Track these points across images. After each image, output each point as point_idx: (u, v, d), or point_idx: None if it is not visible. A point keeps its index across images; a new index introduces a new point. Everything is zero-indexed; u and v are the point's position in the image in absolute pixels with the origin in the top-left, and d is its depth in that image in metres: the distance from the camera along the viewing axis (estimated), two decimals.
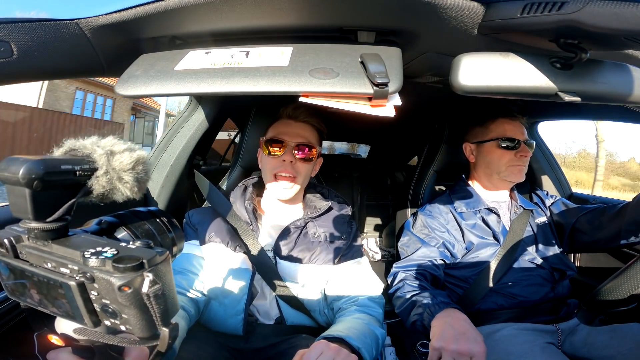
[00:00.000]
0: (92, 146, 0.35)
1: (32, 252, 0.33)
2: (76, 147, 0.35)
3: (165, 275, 0.33)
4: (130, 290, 0.30)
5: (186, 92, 0.52)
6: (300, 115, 0.94)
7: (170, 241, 0.43)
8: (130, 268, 0.30)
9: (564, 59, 0.51)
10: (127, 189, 0.36)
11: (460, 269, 1.06)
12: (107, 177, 0.35)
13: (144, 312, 0.31)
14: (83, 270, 0.31)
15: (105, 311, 0.32)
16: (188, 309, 0.76)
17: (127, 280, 0.30)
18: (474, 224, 1.07)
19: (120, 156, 0.36)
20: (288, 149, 0.89)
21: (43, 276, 0.32)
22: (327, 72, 0.52)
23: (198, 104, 1.20)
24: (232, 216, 0.92)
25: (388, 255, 1.91)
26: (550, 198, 1.17)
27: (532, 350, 0.86)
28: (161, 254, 0.33)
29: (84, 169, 0.34)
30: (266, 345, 0.84)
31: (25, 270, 0.33)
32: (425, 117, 1.69)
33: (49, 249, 0.33)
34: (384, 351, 0.97)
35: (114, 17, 0.58)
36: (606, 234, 0.96)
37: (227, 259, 0.86)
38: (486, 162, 1.11)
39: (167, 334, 0.33)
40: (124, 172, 0.36)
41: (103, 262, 0.31)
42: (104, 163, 0.35)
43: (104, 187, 0.35)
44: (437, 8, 0.53)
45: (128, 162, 0.36)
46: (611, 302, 0.61)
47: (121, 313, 0.32)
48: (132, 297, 0.30)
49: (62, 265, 0.32)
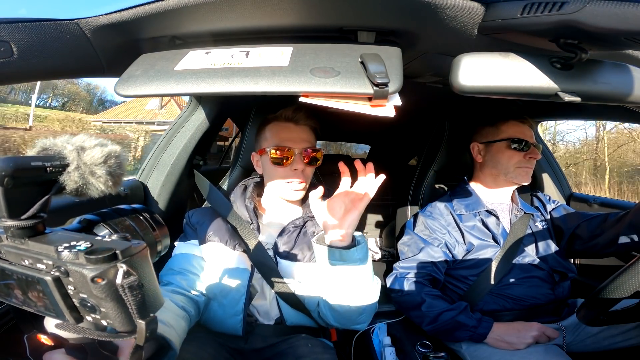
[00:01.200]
0: (63, 143, 0.36)
1: (11, 250, 0.34)
2: (47, 146, 0.36)
3: (142, 268, 0.33)
4: (104, 282, 0.30)
5: (186, 92, 0.52)
6: (301, 118, 0.93)
7: (154, 237, 0.43)
8: (102, 259, 0.30)
9: (564, 59, 0.51)
10: (101, 183, 0.36)
11: (460, 270, 1.06)
12: (78, 172, 0.35)
13: (121, 305, 0.31)
14: (57, 264, 0.31)
15: (84, 306, 0.32)
16: (188, 310, 0.76)
17: (100, 271, 0.30)
18: (473, 226, 1.08)
19: (91, 151, 0.36)
20: (296, 157, 0.89)
21: (21, 273, 0.33)
22: (327, 71, 0.52)
23: (198, 104, 1.20)
24: (232, 215, 0.92)
25: (388, 255, 1.91)
26: (552, 203, 1.17)
27: (536, 351, 0.86)
28: (136, 246, 0.33)
29: (55, 165, 0.34)
30: (266, 345, 0.84)
31: (6, 269, 0.33)
32: (425, 117, 1.68)
33: (26, 247, 0.34)
34: (384, 351, 0.97)
35: (114, 17, 0.58)
36: (604, 239, 0.97)
37: (226, 258, 0.86)
38: (494, 162, 1.11)
39: (143, 327, 0.33)
40: (95, 166, 0.36)
41: (76, 255, 0.31)
42: (74, 158, 0.35)
43: (76, 183, 0.35)
44: (437, 8, 0.53)
45: (99, 157, 0.36)
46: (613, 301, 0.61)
47: (99, 307, 0.32)
48: (107, 289, 0.30)
49: (37, 261, 0.32)
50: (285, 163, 0.89)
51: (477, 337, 0.92)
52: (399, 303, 1.05)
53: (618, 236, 0.93)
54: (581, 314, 0.67)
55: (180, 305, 0.74)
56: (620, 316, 0.66)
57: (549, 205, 1.15)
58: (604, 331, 0.91)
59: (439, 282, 1.06)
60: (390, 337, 1.02)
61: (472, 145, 1.18)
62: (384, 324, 1.08)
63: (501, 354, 0.89)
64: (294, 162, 0.89)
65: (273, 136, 0.92)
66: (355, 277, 0.74)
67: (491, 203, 1.12)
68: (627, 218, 0.92)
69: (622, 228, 0.92)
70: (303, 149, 0.90)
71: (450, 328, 0.95)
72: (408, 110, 1.05)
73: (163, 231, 0.44)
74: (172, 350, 0.58)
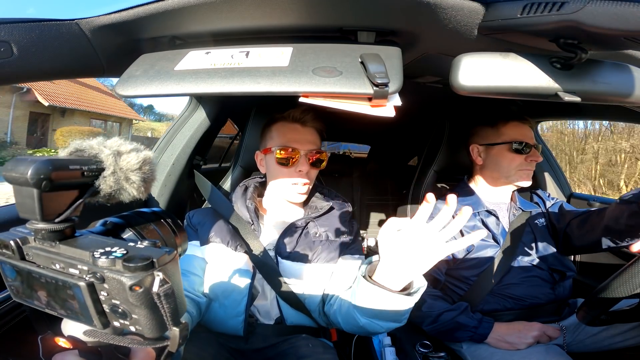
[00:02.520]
0: (99, 146, 0.35)
1: (40, 253, 0.33)
2: (82, 148, 0.35)
3: (174, 275, 0.33)
4: (141, 289, 0.30)
5: (186, 92, 0.52)
6: (308, 120, 0.93)
7: (175, 242, 0.43)
8: (140, 267, 0.30)
9: (564, 59, 0.51)
10: (134, 189, 0.36)
11: (460, 270, 1.06)
12: (114, 177, 0.35)
13: (154, 312, 0.31)
14: (93, 270, 0.31)
15: (114, 312, 0.32)
16: (190, 311, 0.76)
17: (138, 279, 0.30)
18: (473, 226, 1.08)
19: (127, 156, 0.36)
20: (301, 158, 0.89)
21: (51, 277, 0.32)
22: (327, 71, 0.52)
23: (198, 104, 1.20)
24: (233, 216, 0.92)
25: None
26: (551, 200, 1.16)
27: (537, 351, 0.86)
28: (169, 253, 0.33)
29: (92, 169, 0.34)
30: (266, 345, 0.84)
31: (33, 272, 0.33)
32: (425, 117, 1.69)
33: (57, 250, 0.33)
34: (384, 351, 0.97)
35: (114, 17, 0.58)
36: (591, 239, 0.96)
37: (228, 259, 0.86)
38: (495, 165, 1.10)
39: (177, 334, 0.33)
40: (131, 172, 0.36)
41: (113, 262, 0.31)
42: (111, 163, 0.35)
43: (111, 187, 0.35)
44: (437, 8, 0.53)
45: (135, 162, 0.36)
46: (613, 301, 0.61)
47: (131, 313, 0.31)
48: (143, 297, 0.30)
49: (70, 266, 0.32)
50: (290, 164, 0.89)
51: (478, 337, 0.92)
52: None
53: (600, 239, 0.93)
54: (581, 314, 0.67)
55: None
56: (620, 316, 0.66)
57: (548, 202, 1.15)
58: (604, 331, 0.91)
59: (439, 282, 1.06)
60: (390, 337, 1.02)
61: (471, 147, 1.16)
62: None
63: (502, 354, 0.89)
64: (299, 164, 0.88)
65: (279, 136, 0.92)
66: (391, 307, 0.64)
67: (491, 203, 1.11)
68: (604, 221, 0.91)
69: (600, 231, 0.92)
70: (309, 151, 0.89)
71: (451, 328, 0.95)
72: (408, 110, 1.05)
73: (183, 236, 0.44)
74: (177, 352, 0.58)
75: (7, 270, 0.35)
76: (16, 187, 0.31)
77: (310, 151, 0.90)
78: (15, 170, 0.30)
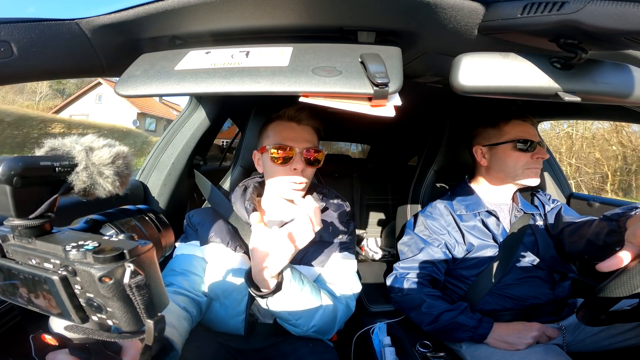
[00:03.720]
0: (72, 144, 0.36)
1: (18, 249, 0.34)
2: (56, 146, 0.36)
3: (148, 267, 0.33)
4: (111, 281, 0.30)
5: (186, 92, 0.52)
6: (304, 118, 0.92)
7: (159, 238, 0.44)
8: (110, 258, 0.30)
9: (564, 59, 0.51)
10: (109, 184, 0.37)
11: (460, 270, 1.06)
12: (87, 172, 0.35)
13: (127, 305, 0.32)
14: (65, 263, 0.31)
15: (90, 305, 0.32)
16: (190, 310, 0.76)
17: (107, 270, 0.30)
18: (473, 226, 1.07)
19: (100, 151, 0.36)
20: (297, 156, 0.88)
21: (28, 273, 0.33)
22: (327, 71, 0.52)
23: (198, 104, 1.20)
24: (233, 216, 0.92)
25: (388, 256, 1.91)
26: (551, 203, 1.15)
27: (536, 351, 0.86)
28: (143, 245, 0.33)
29: (63, 165, 0.35)
30: (267, 345, 0.84)
31: (12, 268, 0.33)
32: (425, 117, 1.69)
33: (33, 246, 0.34)
34: (384, 351, 0.97)
35: (114, 17, 0.58)
36: (578, 248, 0.96)
37: (228, 260, 0.86)
38: (501, 165, 1.07)
39: (152, 326, 0.33)
40: (103, 166, 0.36)
41: (84, 255, 0.31)
42: (82, 158, 0.35)
43: (84, 182, 0.35)
44: (437, 8, 0.53)
45: (107, 157, 0.36)
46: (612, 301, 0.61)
47: (106, 307, 0.32)
48: (114, 289, 0.30)
49: (45, 261, 0.32)
50: (286, 162, 0.88)
51: (478, 337, 0.92)
52: (399, 303, 1.05)
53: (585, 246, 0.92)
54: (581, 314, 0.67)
55: (182, 306, 0.74)
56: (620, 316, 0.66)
57: (548, 206, 1.14)
58: (604, 331, 0.91)
59: (439, 282, 1.06)
60: (390, 337, 1.02)
61: (474, 149, 1.14)
62: (384, 324, 1.08)
63: (501, 354, 0.89)
64: (294, 162, 0.88)
65: (275, 135, 0.91)
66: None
67: (492, 203, 1.11)
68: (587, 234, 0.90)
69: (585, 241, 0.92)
70: (304, 149, 0.89)
71: (451, 328, 0.95)
72: (408, 110, 1.05)
73: (168, 231, 0.45)
74: (175, 350, 0.58)
75: None
76: None
77: (306, 149, 0.89)
78: None
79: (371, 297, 1.26)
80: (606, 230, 0.82)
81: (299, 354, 0.80)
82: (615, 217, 0.80)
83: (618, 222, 0.78)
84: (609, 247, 0.82)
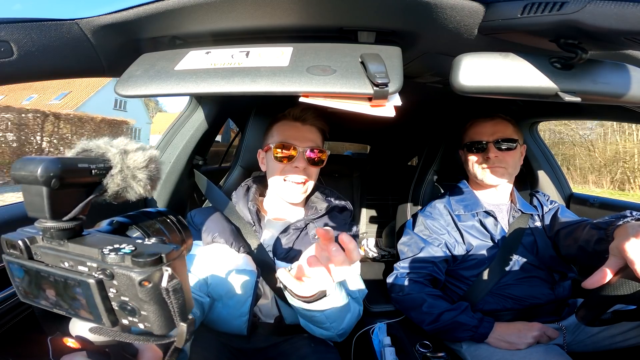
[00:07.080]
0: (106, 146, 0.36)
1: (48, 252, 0.33)
2: (89, 148, 0.36)
3: (181, 271, 0.33)
4: (150, 285, 0.30)
5: (186, 92, 0.52)
6: (309, 118, 0.92)
7: (181, 240, 0.44)
8: (149, 262, 0.31)
9: (564, 59, 0.51)
10: (141, 187, 0.37)
11: (460, 270, 1.06)
12: (121, 175, 0.35)
13: (162, 308, 0.32)
14: (102, 267, 0.31)
15: (123, 309, 0.32)
16: (194, 311, 0.76)
17: (147, 274, 0.30)
18: (471, 226, 1.08)
19: (134, 154, 0.36)
20: (299, 154, 0.88)
21: (60, 276, 0.32)
22: (327, 71, 0.52)
23: (198, 104, 1.20)
24: (235, 216, 0.92)
25: (388, 256, 1.91)
26: (548, 205, 1.14)
27: (537, 351, 0.86)
28: (177, 249, 0.33)
29: (100, 167, 0.34)
30: (268, 345, 0.84)
31: (41, 271, 0.33)
32: (425, 117, 1.68)
33: (66, 248, 0.33)
34: (384, 351, 0.97)
35: (114, 17, 0.58)
36: (572, 252, 0.95)
37: (232, 260, 0.86)
38: (466, 168, 1.14)
39: (184, 329, 0.33)
40: (137, 170, 0.36)
41: (122, 258, 0.31)
42: (118, 161, 0.35)
43: (118, 185, 0.36)
44: (438, 8, 0.53)
45: (142, 161, 0.37)
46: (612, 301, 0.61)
47: (140, 310, 0.32)
48: (152, 292, 0.31)
49: (79, 264, 0.32)
50: (288, 160, 0.88)
51: (478, 337, 0.92)
52: (399, 303, 1.05)
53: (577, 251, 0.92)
54: (580, 314, 0.67)
55: None
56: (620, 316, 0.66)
57: (546, 207, 1.14)
58: (604, 331, 0.91)
59: (440, 282, 1.06)
60: (390, 337, 1.02)
61: (459, 153, 1.20)
62: (384, 324, 1.08)
63: (501, 354, 0.89)
64: (296, 160, 0.88)
65: (279, 134, 0.92)
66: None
67: (490, 204, 1.11)
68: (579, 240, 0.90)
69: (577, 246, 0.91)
70: (308, 148, 0.89)
71: (452, 328, 0.95)
72: (408, 110, 1.05)
73: (188, 234, 0.45)
74: (183, 352, 0.58)
75: (15, 270, 0.35)
76: (25, 185, 0.31)
77: (310, 149, 0.89)
78: (24, 169, 0.30)
79: (371, 297, 1.25)
80: (595, 239, 0.82)
81: (300, 354, 0.80)
82: (604, 226, 0.79)
83: (606, 231, 0.77)
84: (599, 254, 0.81)
